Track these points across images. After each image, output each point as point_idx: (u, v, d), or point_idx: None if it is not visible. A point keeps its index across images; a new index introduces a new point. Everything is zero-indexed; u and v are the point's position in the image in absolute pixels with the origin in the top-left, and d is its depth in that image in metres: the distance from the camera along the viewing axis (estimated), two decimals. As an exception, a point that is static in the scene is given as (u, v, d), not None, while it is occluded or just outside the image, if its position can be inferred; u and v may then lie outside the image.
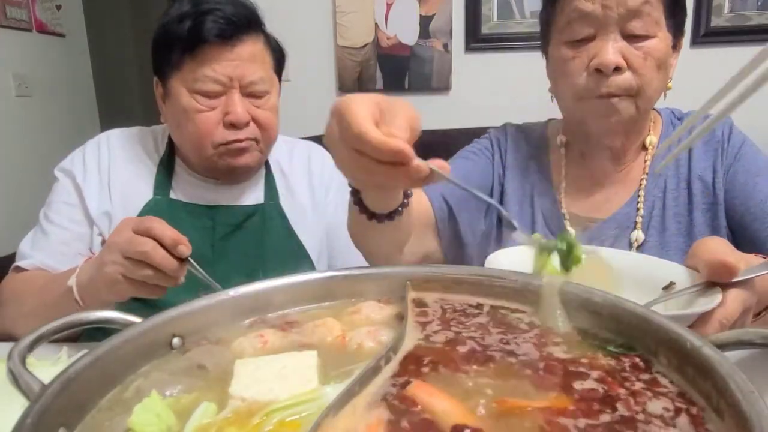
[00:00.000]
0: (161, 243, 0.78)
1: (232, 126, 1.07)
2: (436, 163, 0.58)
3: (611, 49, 0.91)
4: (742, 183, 0.99)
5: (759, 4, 2.20)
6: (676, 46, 0.98)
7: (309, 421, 0.41)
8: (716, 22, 2.22)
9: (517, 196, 1.12)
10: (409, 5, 2.37)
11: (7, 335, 0.98)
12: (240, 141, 1.08)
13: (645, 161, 1.06)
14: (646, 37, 0.92)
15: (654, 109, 1.09)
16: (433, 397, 0.44)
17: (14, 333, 0.97)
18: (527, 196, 1.12)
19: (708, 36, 2.22)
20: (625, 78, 0.93)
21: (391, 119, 0.56)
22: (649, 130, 1.07)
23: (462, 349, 0.52)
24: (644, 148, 1.07)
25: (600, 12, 0.92)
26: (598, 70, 0.93)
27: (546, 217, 1.09)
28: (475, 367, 0.49)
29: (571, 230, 1.06)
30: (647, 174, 1.05)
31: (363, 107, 0.56)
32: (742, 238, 0.98)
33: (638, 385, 0.45)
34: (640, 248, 1.01)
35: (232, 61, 1.04)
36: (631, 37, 0.92)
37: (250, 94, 1.08)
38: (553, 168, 1.13)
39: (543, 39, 1.06)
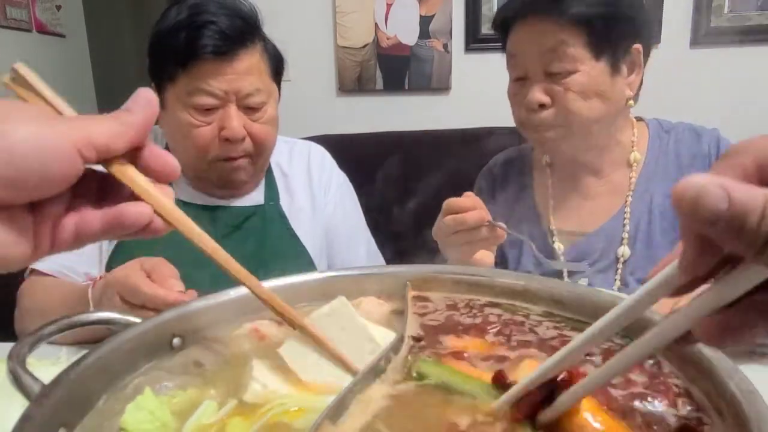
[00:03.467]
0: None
1: (227, 141, 1.06)
2: None
3: (535, 89, 1.00)
4: None
5: (759, 4, 2.19)
6: (620, 69, 0.99)
7: (312, 411, 0.42)
8: (716, 22, 2.21)
9: (502, 222, 1.15)
10: (409, 5, 2.37)
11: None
12: (234, 159, 1.08)
13: (630, 178, 1.07)
14: (567, 74, 0.97)
15: (642, 120, 1.10)
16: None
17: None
18: (513, 221, 1.14)
19: (708, 36, 2.22)
20: (548, 113, 1.00)
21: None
22: (633, 146, 1.07)
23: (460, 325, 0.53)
24: (629, 164, 1.08)
25: (522, 55, 1.01)
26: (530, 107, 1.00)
27: (532, 237, 1.11)
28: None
29: (560, 246, 1.07)
30: (632, 191, 1.05)
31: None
32: None
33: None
34: (627, 263, 1.01)
35: (227, 75, 1.03)
36: (553, 75, 0.98)
37: (246, 107, 1.06)
38: (539, 188, 1.17)
39: None
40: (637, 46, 1.00)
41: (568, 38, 0.96)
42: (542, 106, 1.00)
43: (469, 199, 0.92)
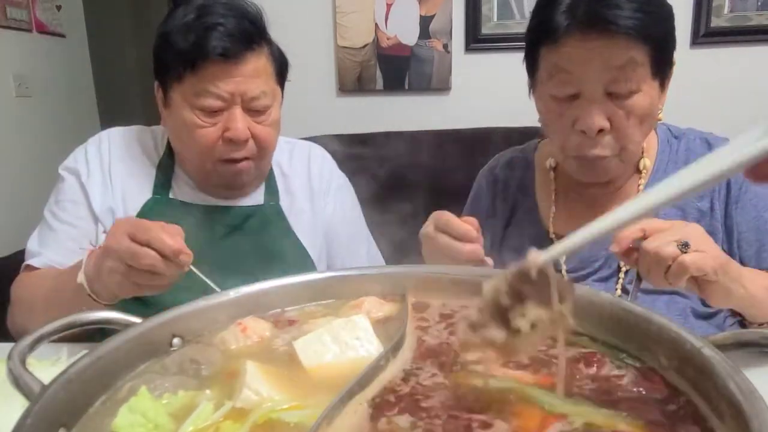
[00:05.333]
0: (162, 254, 0.78)
1: (231, 142, 1.06)
2: None
3: (595, 112, 0.89)
4: (753, 218, 0.98)
5: (759, 4, 2.19)
6: (664, 86, 0.97)
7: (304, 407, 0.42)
8: (716, 22, 2.21)
9: (502, 224, 1.15)
10: (409, 5, 2.37)
11: (19, 334, 0.98)
12: (237, 161, 1.08)
13: (638, 185, 1.04)
14: (629, 94, 0.89)
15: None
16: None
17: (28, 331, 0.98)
18: (514, 224, 1.13)
19: (708, 36, 2.22)
20: (608, 139, 0.92)
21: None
22: (643, 152, 1.05)
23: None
24: (638, 171, 1.05)
25: (580, 72, 0.89)
26: (583, 131, 0.92)
27: (533, 242, 1.09)
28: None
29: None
30: None
31: None
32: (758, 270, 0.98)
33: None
34: (629, 272, 1.00)
35: (234, 77, 1.03)
36: (613, 95, 0.90)
37: (251, 109, 1.07)
38: (541, 192, 1.13)
39: (529, 80, 1.04)
40: (675, 59, 0.97)
41: (637, 55, 0.87)
42: (600, 131, 0.91)
43: (466, 226, 0.83)
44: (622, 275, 1.01)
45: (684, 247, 0.72)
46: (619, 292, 1.00)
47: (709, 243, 0.76)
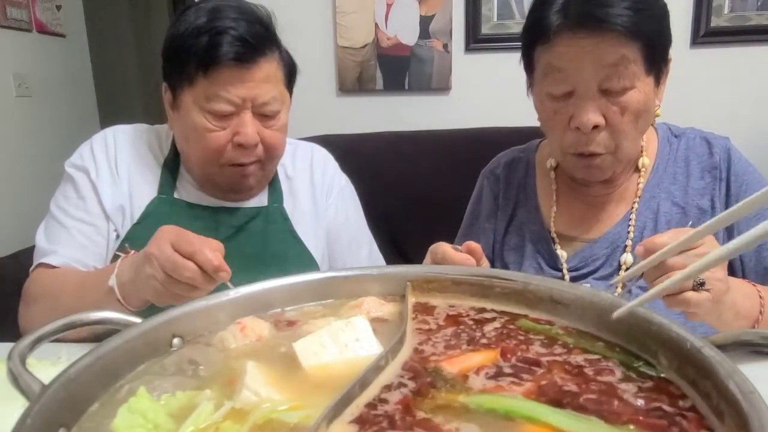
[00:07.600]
0: (203, 268, 0.78)
1: (240, 146, 1.06)
2: None
3: (589, 109, 0.91)
4: (754, 216, 0.98)
5: (759, 4, 2.19)
6: (660, 81, 0.97)
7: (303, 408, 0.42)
8: (716, 22, 2.21)
9: (504, 224, 1.15)
10: (409, 5, 2.37)
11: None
12: (245, 165, 1.08)
13: (638, 183, 1.05)
14: (623, 91, 0.90)
15: (651, 124, 1.08)
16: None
17: None
18: (516, 223, 1.14)
19: (708, 36, 2.22)
20: (603, 136, 0.93)
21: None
22: (642, 151, 1.05)
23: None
24: (637, 169, 1.05)
25: (574, 69, 0.91)
26: (578, 128, 0.92)
27: (535, 241, 1.10)
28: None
29: (563, 254, 1.06)
30: (639, 197, 1.04)
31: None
32: (756, 267, 0.99)
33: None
34: (630, 270, 1.00)
35: (246, 82, 1.03)
36: (607, 92, 0.91)
37: (261, 114, 1.07)
38: (542, 192, 1.14)
39: (527, 79, 1.04)
40: (670, 56, 0.98)
41: (629, 53, 0.88)
42: (595, 127, 0.92)
43: (463, 257, 0.81)
44: (622, 273, 1.01)
45: (699, 285, 0.71)
46: (619, 290, 1.00)
47: (722, 283, 0.74)
